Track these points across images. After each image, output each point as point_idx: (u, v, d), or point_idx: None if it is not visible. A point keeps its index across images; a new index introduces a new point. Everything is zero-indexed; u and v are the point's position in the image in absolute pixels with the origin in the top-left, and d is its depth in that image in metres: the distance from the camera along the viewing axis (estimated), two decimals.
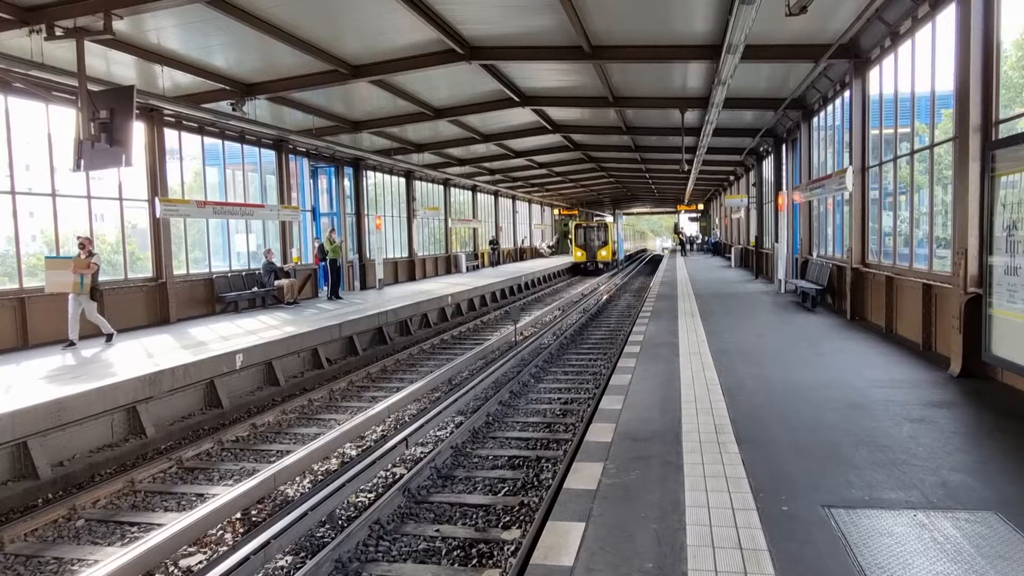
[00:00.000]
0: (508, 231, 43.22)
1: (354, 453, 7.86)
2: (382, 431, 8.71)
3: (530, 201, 48.51)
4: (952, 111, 8.33)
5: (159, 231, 14.24)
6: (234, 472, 7.39)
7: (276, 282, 17.14)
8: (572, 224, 42.69)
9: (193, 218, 14.85)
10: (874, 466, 4.79)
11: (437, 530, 5.66)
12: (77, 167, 9.33)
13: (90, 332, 11.38)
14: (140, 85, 11.12)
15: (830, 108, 14.78)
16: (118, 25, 8.92)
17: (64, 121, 11.88)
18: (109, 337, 11.36)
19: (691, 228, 64.54)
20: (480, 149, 24.28)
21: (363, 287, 22.37)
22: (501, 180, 35.06)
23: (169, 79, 12.28)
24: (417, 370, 12.50)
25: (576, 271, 38.86)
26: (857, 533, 3.77)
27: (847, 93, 12.56)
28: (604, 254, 38.41)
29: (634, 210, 66.87)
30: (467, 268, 31.95)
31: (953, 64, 7.95)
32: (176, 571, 5.20)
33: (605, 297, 24.75)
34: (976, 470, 4.71)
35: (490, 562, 5.12)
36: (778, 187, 20.29)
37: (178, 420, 9.12)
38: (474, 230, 35.95)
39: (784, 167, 19.92)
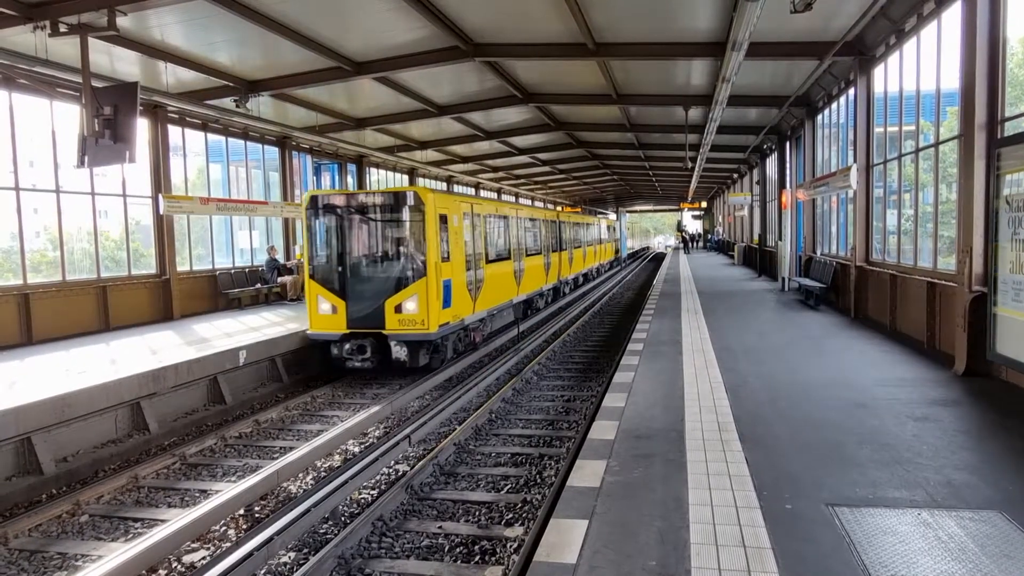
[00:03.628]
0: None
1: (357, 450, 7.87)
2: (385, 428, 8.72)
3: (533, 198, 48.45)
4: (957, 109, 8.30)
5: (163, 228, 14.26)
6: (237, 468, 7.40)
7: (279, 279, 17.16)
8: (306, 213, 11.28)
9: (196, 215, 14.87)
10: (878, 465, 4.78)
11: (440, 527, 5.67)
12: (81, 163, 9.34)
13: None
14: (144, 82, 11.15)
15: (834, 106, 14.73)
16: (122, 21, 8.92)
17: (68, 117, 11.92)
18: None
19: (694, 226, 64.47)
20: (483, 146, 24.25)
21: None
22: (504, 177, 34.99)
23: (173, 76, 12.29)
24: None
25: (322, 363, 11.26)
26: (861, 531, 3.76)
27: (852, 90, 12.51)
28: (411, 310, 10.39)
29: (637, 208, 66.76)
30: None
31: (959, 61, 7.91)
32: (180, 567, 5.21)
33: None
34: (980, 469, 4.70)
35: (493, 559, 5.12)
36: (782, 185, 20.23)
37: (182, 416, 9.14)
38: None
39: (788, 165, 19.86)
